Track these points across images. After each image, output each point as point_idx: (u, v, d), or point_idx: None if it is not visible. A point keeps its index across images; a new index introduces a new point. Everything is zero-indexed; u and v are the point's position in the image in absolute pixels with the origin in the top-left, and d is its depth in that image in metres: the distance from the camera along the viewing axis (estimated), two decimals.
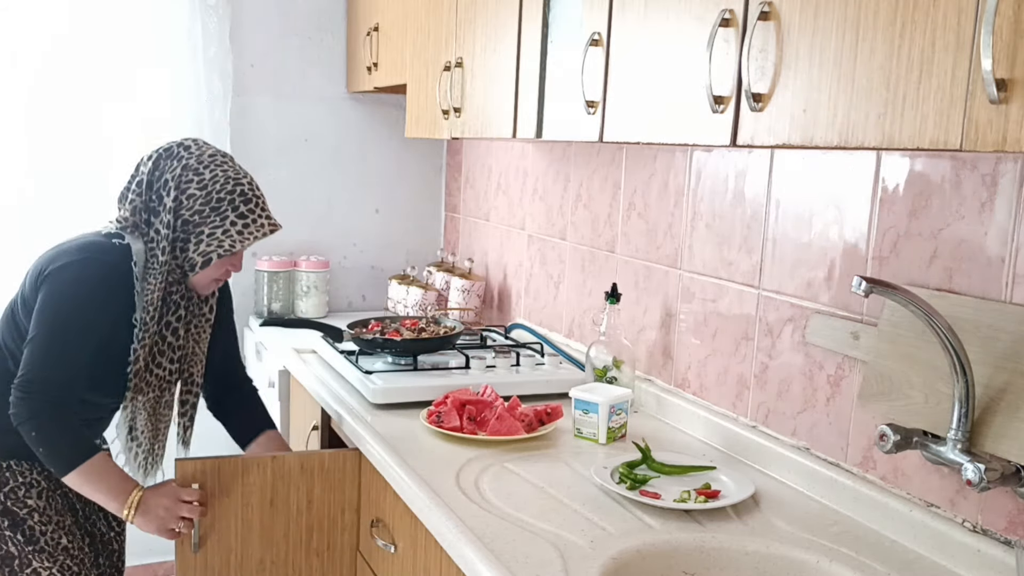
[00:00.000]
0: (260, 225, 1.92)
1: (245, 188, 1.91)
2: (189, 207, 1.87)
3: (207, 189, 1.87)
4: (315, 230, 3.40)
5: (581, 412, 1.93)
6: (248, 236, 1.90)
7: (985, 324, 1.34)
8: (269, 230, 1.94)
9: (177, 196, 1.87)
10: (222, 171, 1.90)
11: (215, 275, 1.94)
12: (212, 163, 1.90)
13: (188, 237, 1.88)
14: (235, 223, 1.89)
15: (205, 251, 1.88)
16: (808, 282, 1.72)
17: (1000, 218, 1.35)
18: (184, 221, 1.88)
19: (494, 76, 2.07)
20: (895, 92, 1.05)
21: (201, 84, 3.05)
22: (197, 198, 1.87)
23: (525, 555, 1.38)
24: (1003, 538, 1.35)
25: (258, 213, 1.92)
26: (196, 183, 1.87)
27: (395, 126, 3.39)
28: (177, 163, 1.88)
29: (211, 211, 1.87)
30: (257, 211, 1.92)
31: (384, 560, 1.88)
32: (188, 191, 1.87)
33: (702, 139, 1.38)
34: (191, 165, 1.88)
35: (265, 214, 1.94)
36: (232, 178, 1.90)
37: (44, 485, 1.94)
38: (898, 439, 1.35)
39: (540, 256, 2.74)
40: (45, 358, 1.79)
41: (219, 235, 1.88)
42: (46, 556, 1.90)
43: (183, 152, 1.90)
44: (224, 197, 1.88)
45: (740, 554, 1.46)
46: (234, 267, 1.96)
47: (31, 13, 2.89)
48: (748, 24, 1.26)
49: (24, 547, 1.89)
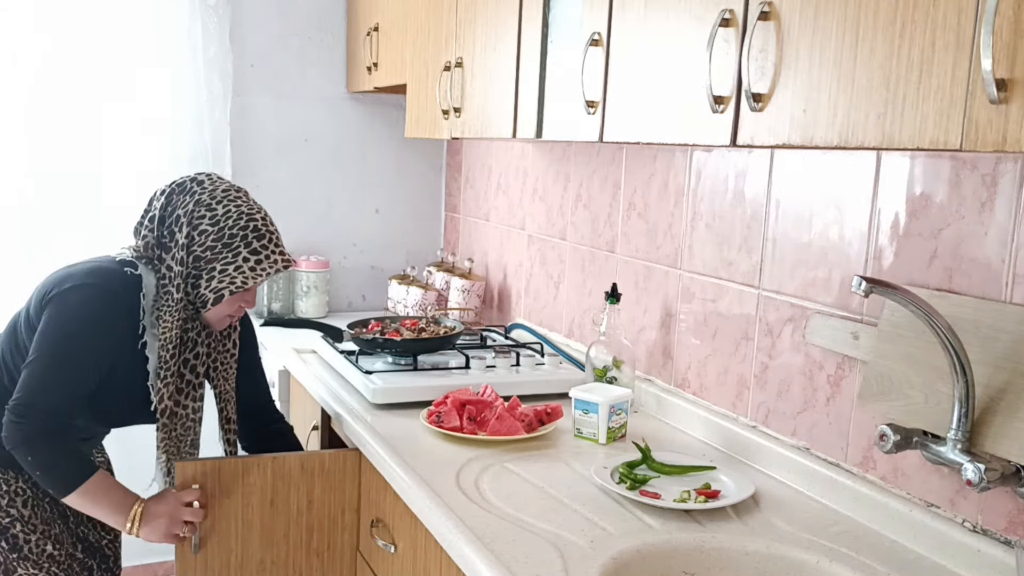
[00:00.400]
0: (273, 261, 1.89)
1: (259, 223, 1.89)
2: (201, 243, 1.85)
3: (219, 225, 1.85)
4: (315, 230, 3.40)
5: (581, 412, 1.93)
6: (261, 272, 1.87)
7: (985, 324, 1.34)
8: (283, 266, 1.91)
9: (189, 232, 1.85)
10: (235, 207, 1.88)
11: (228, 311, 1.92)
12: (225, 198, 1.88)
13: (200, 273, 1.86)
14: (247, 259, 1.86)
15: (217, 287, 1.86)
16: (808, 282, 1.72)
17: (1000, 218, 1.35)
18: (196, 257, 1.85)
19: (494, 76, 2.07)
20: (895, 92, 1.05)
21: (201, 84, 3.05)
22: (209, 234, 1.85)
23: (525, 555, 1.38)
24: (1003, 538, 1.35)
25: (271, 249, 1.90)
26: (208, 219, 1.85)
27: (395, 126, 3.39)
28: (190, 198, 1.86)
29: (223, 247, 1.85)
30: (271, 247, 1.90)
31: (384, 560, 1.88)
32: (200, 227, 1.85)
33: (702, 139, 1.38)
34: (203, 200, 1.86)
35: (279, 250, 1.91)
36: (245, 214, 1.88)
37: (30, 494, 1.92)
38: (898, 439, 1.35)
39: (540, 256, 2.74)
40: (42, 383, 1.77)
41: (231, 271, 1.86)
42: (31, 563, 1.90)
43: (196, 187, 1.88)
44: (237, 233, 1.86)
45: (740, 554, 1.46)
46: (247, 303, 1.94)
47: (31, 13, 2.89)
48: (748, 24, 1.26)
49: (8, 554, 1.89)
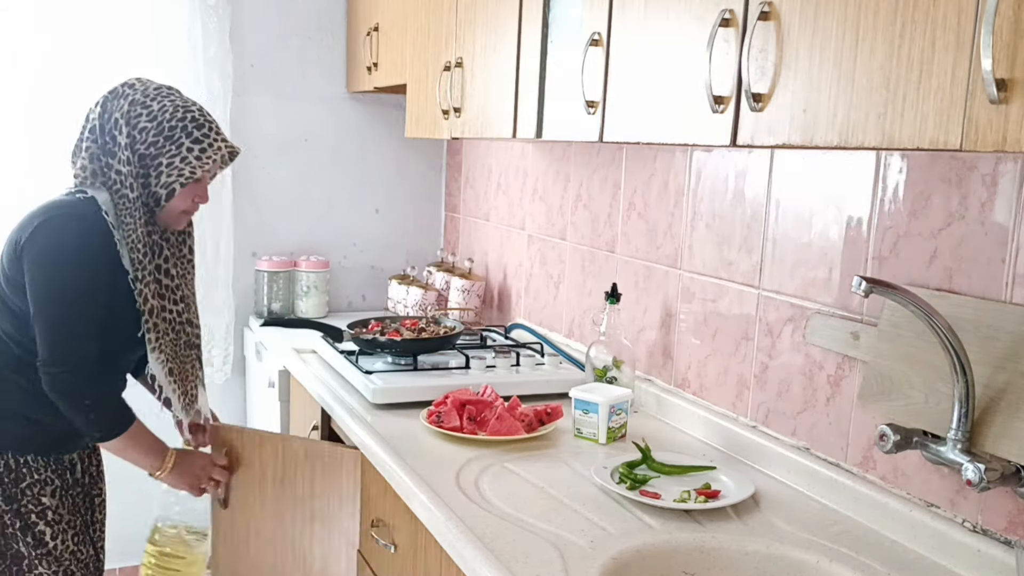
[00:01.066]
0: (217, 148, 1.91)
1: (196, 114, 1.91)
2: (143, 140, 1.86)
3: (157, 120, 1.86)
4: (315, 230, 3.40)
5: (581, 412, 1.93)
6: (207, 161, 1.89)
7: (985, 324, 1.34)
8: (227, 152, 1.93)
9: (130, 132, 1.86)
10: (170, 102, 1.89)
11: (182, 207, 1.93)
12: (158, 95, 1.90)
13: (148, 172, 1.87)
14: (191, 149, 1.88)
15: (167, 182, 1.87)
16: (808, 282, 1.72)
17: (1000, 218, 1.35)
18: (141, 155, 1.86)
19: (494, 76, 2.07)
20: (895, 92, 1.05)
21: (201, 84, 3.05)
22: (149, 130, 1.86)
23: (525, 555, 1.38)
24: (1003, 538, 1.35)
25: (213, 137, 1.91)
26: (146, 116, 1.86)
27: (395, 126, 3.39)
28: (124, 101, 1.87)
29: (165, 140, 1.86)
30: (212, 135, 1.91)
31: (384, 560, 1.88)
32: (139, 125, 1.86)
33: (702, 139, 1.38)
34: (138, 100, 1.88)
35: (220, 138, 1.93)
36: (181, 107, 1.89)
37: (58, 483, 1.95)
38: (898, 439, 1.35)
39: (540, 256, 2.74)
40: (59, 335, 1.81)
41: (178, 164, 1.87)
42: (52, 560, 1.92)
43: (128, 90, 1.89)
44: (176, 125, 1.87)
45: (740, 554, 1.46)
46: (200, 197, 1.95)
47: (31, 13, 2.89)
48: (748, 24, 1.26)
49: (33, 550, 1.90)
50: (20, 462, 1.90)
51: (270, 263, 3.22)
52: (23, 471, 1.91)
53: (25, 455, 1.91)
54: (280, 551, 2.14)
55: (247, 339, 3.29)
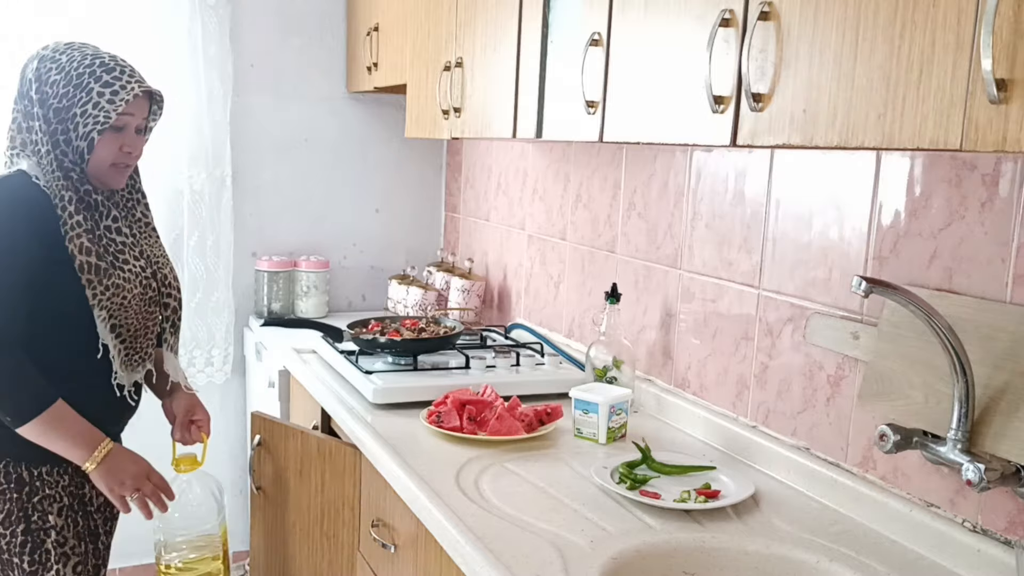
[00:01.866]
0: (130, 89, 1.81)
1: (105, 59, 1.83)
2: (55, 94, 1.79)
3: (65, 70, 1.80)
4: (315, 230, 3.40)
5: (581, 412, 1.93)
6: (120, 103, 1.79)
7: (985, 324, 1.34)
8: (140, 91, 1.83)
9: (39, 88, 1.80)
10: (79, 52, 1.82)
11: (109, 158, 1.83)
12: (68, 49, 1.83)
13: (66, 127, 1.80)
14: (102, 93, 1.79)
15: (84, 132, 1.79)
16: (808, 282, 1.72)
17: (1000, 218, 1.35)
18: (55, 110, 1.79)
19: (494, 76, 2.07)
20: (895, 92, 1.05)
21: (201, 84, 3.05)
22: (59, 82, 1.79)
23: (525, 555, 1.38)
24: (1003, 538, 1.35)
25: (125, 80, 1.82)
26: (55, 70, 1.80)
27: (395, 126, 3.39)
28: (35, 61, 1.82)
29: (75, 89, 1.79)
30: (124, 77, 1.82)
31: (384, 560, 1.88)
32: (49, 79, 1.80)
33: (702, 139, 1.38)
34: (47, 56, 1.82)
35: (135, 79, 1.83)
36: (90, 55, 1.82)
37: (67, 502, 1.86)
38: (898, 439, 1.35)
39: (540, 256, 2.74)
40: None
41: (91, 110, 1.79)
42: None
43: (41, 51, 1.84)
44: (83, 72, 1.79)
45: (740, 554, 1.46)
46: (127, 145, 1.85)
47: (31, 13, 2.89)
48: (748, 24, 1.26)
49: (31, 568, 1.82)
50: (35, 474, 1.82)
51: (270, 263, 3.22)
52: (36, 484, 1.82)
53: (40, 466, 1.82)
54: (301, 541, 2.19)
55: (247, 339, 3.29)
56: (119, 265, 1.86)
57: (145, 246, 1.95)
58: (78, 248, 1.78)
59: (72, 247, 1.77)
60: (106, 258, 1.83)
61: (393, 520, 1.83)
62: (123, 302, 1.84)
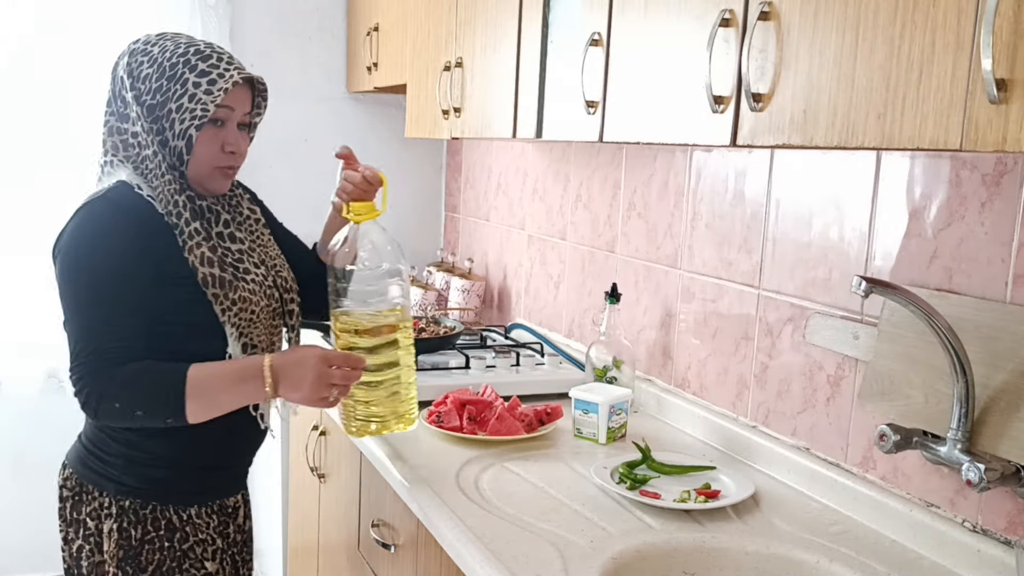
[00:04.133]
0: (229, 77, 1.59)
1: (200, 46, 1.61)
2: (148, 89, 1.58)
3: (158, 62, 1.58)
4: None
5: (581, 412, 1.93)
6: (218, 92, 1.58)
7: (985, 324, 1.34)
8: (240, 78, 1.60)
9: (133, 84, 1.59)
10: (171, 42, 1.61)
11: (211, 160, 1.62)
12: (160, 39, 1.62)
13: (162, 126, 1.58)
14: (198, 83, 1.57)
15: (181, 130, 1.58)
16: (808, 282, 1.72)
17: (1000, 218, 1.35)
18: (149, 107, 1.58)
19: (494, 76, 2.07)
20: (895, 92, 1.05)
21: None
22: (151, 76, 1.58)
23: (525, 555, 1.38)
24: (1003, 538, 1.35)
25: (224, 67, 1.59)
26: (147, 63, 1.59)
27: (395, 126, 3.39)
28: (126, 56, 1.62)
29: (168, 81, 1.57)
30: (222, 65, 1.60)
31: (384, 560, 1.88)
32: (141, 74, 1.59)
33: (702, 139, 1.38)
34: (138, 49, 1.61)
35: (233, 66, 1.61)
36: (184, 43, 1.61)
37: (219, 545, 1.69)
38: (898, 439, 1.35)
39: (540, 256, 2.74)
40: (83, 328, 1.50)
41: (186, 103, 1.57)
42: None
43: (131, 45, 1.64)
44: (177, 62, 1.58)
45: (740, 554, 1.46)
46: (229, 143, 1.63)
47: (31, 12, 2.89)
48: (748, 24, 1.26)
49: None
50: (184, 517, 1.63)
51: None
52: (187, 529, 1.63)
53: (188, 508, 1.64)
54: None
55: None
56: (241, 276, 1.64)
57: (260, 250, 1.74)
58: (199, 259, 1.58)
59: (192, 258, 1.58)
60: (227, 269, 1.62)
61: (393, 520, 1.83)
62: (252, 317, 1.64)
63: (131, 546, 1.59)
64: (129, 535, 1.59)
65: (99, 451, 1.62)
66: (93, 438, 1.64)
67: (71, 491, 1.64)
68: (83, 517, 1.62)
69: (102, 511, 1.60)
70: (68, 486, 1.65)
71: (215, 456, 1.67)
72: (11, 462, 3.13)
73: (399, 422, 1.68)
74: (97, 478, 1.61)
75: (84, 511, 1.62)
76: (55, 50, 2.94)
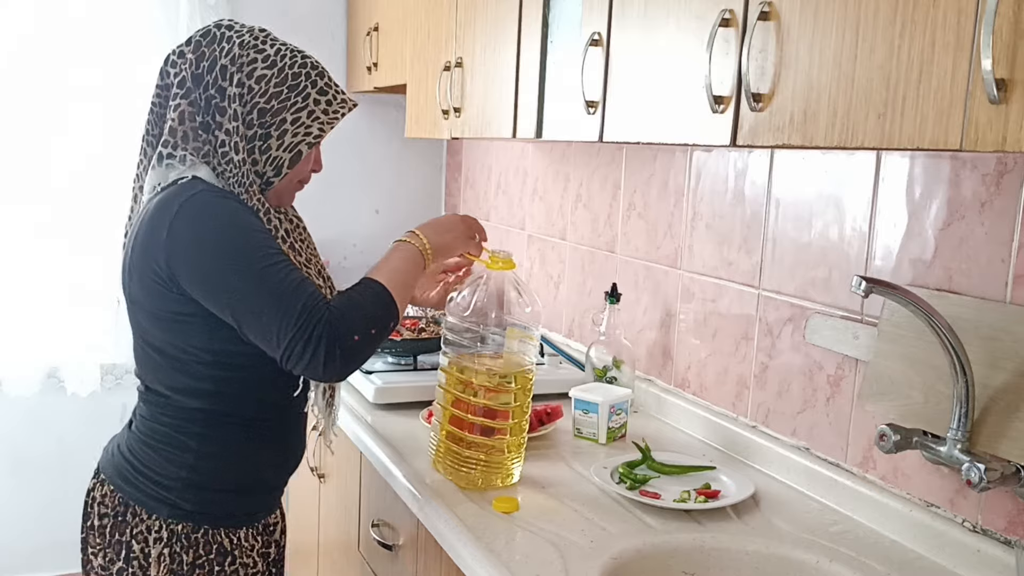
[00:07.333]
0: (342, 102, 1.56)
1: (314, 60, 1.57)
2: (263, 91, 1.49)
3: (278, 67, 1.50)
4: (315, 230, 3.34)
5: (581, 412, 1.93)
6: (335, 116, 1.55)
7: (985, 324, 1.34)
8: (352, 105, 1.59)
9: (242, 80, 1.48)
10: (283, 45, 1.54)
11: (300, 175, 1.58)
12: (268, 38, 1.54)
13: (268, 132, 1.50)
14: (318, 101, 1.52)
15: (292, 143, 1.51)
16: (808, 282, 1.72)
17: (1000, 218, 1.35)
18: (261, 111, 1.49)
19: (494, 76, 2.07)
20: (895, 92, 1.05)
21: None
22: (270, 79, 1.49)
23: (525, 555, 1.38)
24: (1003, 538, 1.35)
25: (337, 89, 1.57)
26: (263, 62, 1.49)
27: (395, 126, 3.39)
28: (228, 44, 1.49)
29: (289, 91, 1.50)
30: (335, 87, 1.57)
31: (384, 560, 1.88)
32: (256, 72, 1.49)
33: (702, 139, 1.38)
34: (248, 43, 1.51)
35: (342, 91, 1.59)
36: (298, 51, 1.55)
37: (260, 568, 1.62)
38: (898, 439, 1.35)
39: (540, 256, 2.74)
40: (277, 293, 1.39)
41: (304, 119, 1.51)
42: None
43: (228, 32, 1.52)
44: (299, 72, 1.52)
45: (740, 554, 1.46)
46: (319, 161, 1.62)
47: (30, 13, 2.89)
48: (748, 24, 1.26)
49: None
50: (234, 540, 1.57)
51: None
52: (235, 552, 1.58)
53: (238, 530, 1.58)
54: None
55: None
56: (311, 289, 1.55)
57: (316, 260, 1.67)
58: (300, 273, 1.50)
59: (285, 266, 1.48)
60: None
61: (393, 520, 1.83)
62: None
63: (182, 571, 1.52)
64: (180, 560, 1.52)
65: (153, 473, 1.52)
66: (144, 459, 1.54)
67: (112, 510, 1.54)
68: (127, 539, 1.52)
69: (150, 535, 1.52)
70: (108, 504, 1.55)
71: (275, 476, 1.64)
72: (10, 462, 3.13)
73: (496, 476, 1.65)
74: (148, 500, 1.52)
75: (129, 533, 1.52)
76: (55, 50, 2.94)
